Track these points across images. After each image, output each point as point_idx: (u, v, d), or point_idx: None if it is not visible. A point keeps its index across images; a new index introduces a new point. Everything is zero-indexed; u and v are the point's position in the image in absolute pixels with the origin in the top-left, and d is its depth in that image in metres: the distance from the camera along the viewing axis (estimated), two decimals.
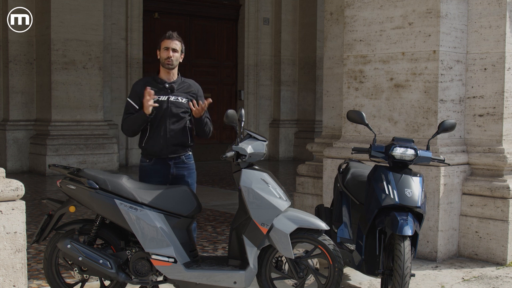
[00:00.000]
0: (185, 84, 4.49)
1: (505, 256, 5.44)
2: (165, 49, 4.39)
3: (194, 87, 4.53)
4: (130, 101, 4.42)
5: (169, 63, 4.39)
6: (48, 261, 4.09)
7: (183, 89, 4.46)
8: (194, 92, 4.50)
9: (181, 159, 4.45)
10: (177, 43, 4.43)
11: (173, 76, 4.47)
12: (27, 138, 11.53)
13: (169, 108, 4.36)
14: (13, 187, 3.79)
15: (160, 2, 13.33)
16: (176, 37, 4.44)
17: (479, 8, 5.68)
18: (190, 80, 4.58)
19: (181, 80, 4.50)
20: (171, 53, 4.38)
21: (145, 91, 4.25)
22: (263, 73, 14.64)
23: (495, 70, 5.62)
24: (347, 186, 4.76)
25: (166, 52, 4.39)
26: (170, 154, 4.39)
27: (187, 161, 4.49)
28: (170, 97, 4.38)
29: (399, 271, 3.91)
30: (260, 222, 3.90)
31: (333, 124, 6.89)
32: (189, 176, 4.50)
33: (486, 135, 5.70)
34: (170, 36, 4.43)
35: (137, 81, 4.57)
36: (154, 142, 4.38)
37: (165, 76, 4.45)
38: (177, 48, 4.42)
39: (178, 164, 4.44)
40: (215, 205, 8.27)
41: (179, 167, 4.45)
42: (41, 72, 11.35)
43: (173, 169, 4.42)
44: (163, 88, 4.39)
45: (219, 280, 3.98)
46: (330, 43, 6.85)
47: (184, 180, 4.45)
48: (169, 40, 4.41)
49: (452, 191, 5.60)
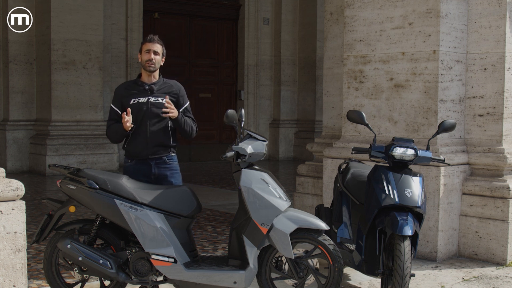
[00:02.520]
0: (166, 85, 4.49)
1: (505, 256, 5.44)
2: (146, 51, 4.41)
3: (176, 87, 4.51)
4: (113, 106, 4.46)
5: (150, 65, 4.40)
6: (48, 261, 4.09)
7: (164, 89, 4.45)
8: (175, 92, 4.48)
9: (163, 159, 4.44)
10: (158, 46, 4.44)
11: (154, 78, 4.47)
12: (27, 138, 11.53)
13: (149, 109, 4.36)
14: (13, 187, 3.79)
15: (160, 2, 13.33)
16: (157, 40, 4.46)
17: (479, 8, 5.68)
18: (171, 81, 4.57)
19: (162, 81, 4.50)
20: (153, 55, 4.40)
21: (124, 113, 4.29)
22: (263, 73, 14.64)
23: (495, 70, 5.62)
24: (347, 186, 4.76)
25: (147, 54, 4.40)
26: (151, 155, 4.39)
27: (169, 161, 4.47)
28: (150, 98, 4.38)
29: (399, 271, 3.91)
30: (260, 222, 3.91)
31: (333, 124, 6.89)
32: (172, 176, 4.47)
33: (486, 135, 5.70)
34: (151, 39, 4.45)
35: (119, 86, 4.60)
36: (135, 144, 4.39)
37: (146, 78, 4.47)
38: (158, 51, 4.42)
39: (160, 164, 4.43)
40: (215, 205, 8.27)
41: (161, 167, 4.43)
42: (41, 72, 11.35)
43: (155, 169, 4.41)
44: (143, 90, 4.41)
45: (219, 280, 3.98)
46: (330, 43, 6.85)
47: (166, 180, 4.44)
48: (150, 43, 4.43)
49: (452, 191, 5.60)
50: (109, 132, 4.49)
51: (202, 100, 13.86)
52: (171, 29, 13.47)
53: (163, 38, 4.62)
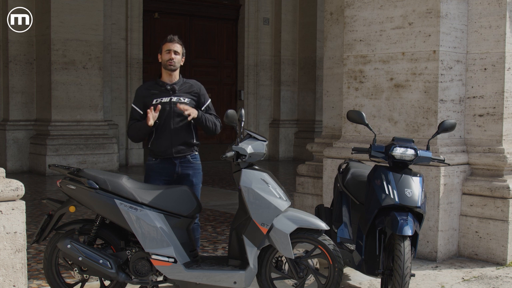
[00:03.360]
0: (186, 85, 4.60)
1: (505, 256, 5.44)
2: (167, 51, 4.51)
3: (196, 87, 4.63)
4: (134, 107, 4.56)
5: (171, 65, 4.50)
6: (48, 261, 4.09)
7: (185, 89, 4.56)
8: (196, 91, 4.60)
9: (187, 158, 4.55)
10: (178, 46, 4.54)
11: (175, 78, 4.58)
12: (27, 138, 11.52)
13: (172, 109, 4.47)
14: (13, 187, 3.79)
15: (160, 2, 13.33)
16: (177, 41, 4.56)
17: (479, 8, 5.68)
18: (191, 80, 4.68)
19: (183, 81, 4.61)
20: (173, 55, 4.50)
21: (151, 109, 4.36)
22: (263, 73, 14.64)
23: (495, 70, 5.62)
24: (347, 186, 4.76)
25: (168, 54, 4.50)
26: (176, 154, 4.50)
27: (193, 160, 4.59)
28: (172, 98, 4.49)
29: (399, 271, 3.91)
30: (260, 222, 3.91)
31: (333, 124, 6.89)
32: (194, 175, 4.59)
33: (486, 135, 5.70)
34: (172, 39, 4.55)
35: (140, 86, 4.71)
36: (160, 143, 4.48)
37: (167, 78, 4.57)
38: (178, 51, 4.53)
39: (184, 163, 4.54)
40: (215, 205, 8.27)
41: (184, 166, 4.54)
42: (41, 72, 11.35)
43: (178, 168, 4.52)
44: (165, 90, 4.51)
45: (219, 280, 3.98)
46: (330, 43, 6.85)
47: (188, 180, 4.53)
48: (171, 43, 4.53)
49: (452, 191, 5.60)
50: (130, 131, 4.57)
51: None
52: (171, 29, 13.43)
53: (163, 38, 4.67)
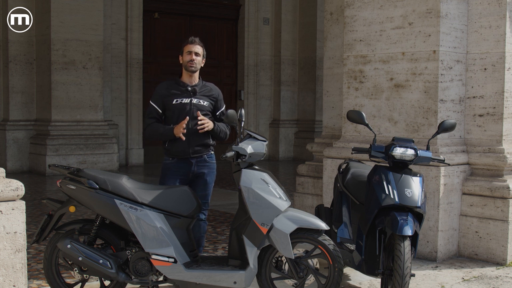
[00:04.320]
0: (206, 88, 4.67)
1: (505, 256, 5.44)
2: (188, 53, 4.58)
3: (215, 91, 4.71)
4: (154, 105, 4.60)
5: (192, 66, 4.57)
6: (48, 261, 4.09)
7: (205, 92, 4.64)
8: (215, 96, 4.68)
9: (203, 158, 4.62)
10: (199, 47, 4.63)
11: (195, 79, 4.65)
12: (27, 138, 11.52)
13: (192, 110, 4.52)
14: (13, 187, 3.79)
15: (160, 2, 13.32)
16: (198, 42, 4.65)
17: (479, 8, 5.68)
18: (211, 84, 4.76)
19: (202, 83, 4.67)
20: (194, 56, 4.57)
21: (184, 121, 4.40)
22: (263, 73, 14.64)
23: (495, 70, 5.62)
24: (347, 186, 4.76)
25: (189, 55, 4.58)
26: (193, 154, 4.55)
27: (209, 160, 4.65)
28: (193, 100, 4.55)
29: (399, 271, 3.91)
30: (260, 222, 3.91)
31: (333, 124, 6.89)
32: (209, 174, 4.65)
33: (486, 135, 5.70)
34: (193, 41, 4.64)
35: (161, 84, 4.72)
36: (178, 143, 4.51)
37: (187, 79, 4.63)
38: (199, 52, 4.62)
39: (200, 162, 4.60)
40: (215, 205, 8.26)
41: (200, 165, 4.61)
42: (41, 72, 11.35)
43: (195, 167, 4.58)
44: (186, 91, 4.57)
45: (219, 280, 3.98)
46: (330, 43, 6.85)
47: (203, 178, 4.61)
48: (192, 45, 4.61)
49: (452, 191, 5.60)
50: (149, 131, 4.60)
51: None
52: (171, 29, 13.46)
53: (163, 38, 4.68)
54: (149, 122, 4.60)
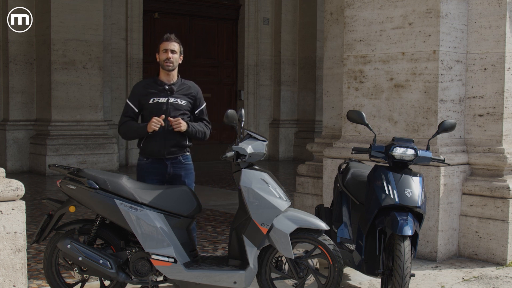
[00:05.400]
0: (185, 86, 4.55)
1: (505, 256, 5.44)
2: (164, 51, 4.45)
3: (194, 89, 4.58)
4: (129, 103, 4.49)
5: (169, 64, 4.45)
6: (48, 261, 4.09)
7: (183, 91, 4.51)
8: (193, 94, 4.56)
9: (179, 159, 4.50)
10: (175, 44, 4.48)
11: (173, 77, 4.52)
12: (27, 138, 11.52)
13: (168, 110, 4.41)
14: (13, 187, 3.79)
15: (160, 2, 13.32)
16: (174, 39, 4.50)
17: (479, 8, 5.68)
18: (189, 82, 4.63)
19: (181, 81, 4.56)
20: (170, 54, 4.44)
21: (159, 117, 4.30)
22: (263, 73, 14.64)
23: (495, 70, 5.62)
24: (347, 186, 4.76)
25: (165, 54, 4.44)
26: (168, 155, 4.44)
27: (184, 161, 4.53)
28: (170, 99, 4.44)
29: (399, 271, 3.91)
30: (260, 222, 3.91)
31: (333, 124, 6.89)
32: (187, 176, 4.53)
33: (486, 135, 5.70)
34: (168, 38, 4.49)
35: (138, 83, 4.64)
36: (152, 143, 4.42)
37: (165, 78, 4.51)
38: (175, 50, 4.47)
39: (175, 164, 4.48)
40: (215, 205, 8.27)
41: (176, 167, 4.49)
42: (41, 72, 11.35)
43: (170, 169, 4.46)
44: (163, 90, 4.45)
45: (219, 280, 3.98)
46: (330, 43, 6.85)
47: (181, 180, 4.49)
48: (167, 42, 4.47)
49: (452, 191, 5.60)
50: (123, 129, 4.50)
51: None
52: (171, 29, 13.39)
53: None
54: (123, 120, 4.49)
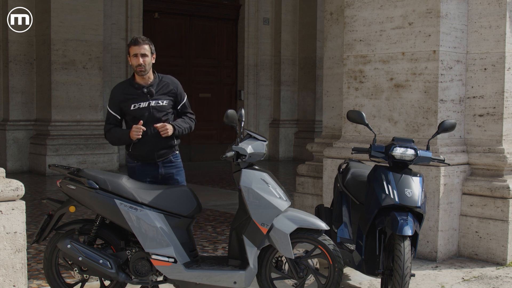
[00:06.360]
0: (163, 84, 4.40)
1: (505, 256, 5.44)
2: (134, 56, 4.27)
3: (173, 85, 4.44)
4: (110, 111, 4.39)
5: (141, 70, 4.29)
6: (48, 261, 4.09)
7: (162, 90, 4.38)
8: (173, 91, 4.43)
9: (169, 159, 4.46)
10: (145, 47, 4.29)
11: (149, 78, 4.37)
12: (27, 138, 11.53)
13: (152, 114, 4.31)
14: (13, 187, 3.79)
15: (160, 2, 13.32)
16: (143, 41, 4.30)
17: (479, 8, 5.68)
18: (167, 77, 4.48)
19: (159, 79, 4.41)
20: (141, 59, 4.26)
21: (137, 124, 4.22)
22: (263, 73, 14.64)
23: (495, 70, 5.62)
24: (347, 186, 4.75)
25: (135, 59, 4.27)
26: (158, 158, 4.40)
27: (174, 160, 4.49)
28: (151, 102, 4.32)
29: (399, 271, 3.91)
30: (260, 222, 3.90)
31: (333, 124, 6.89)
32: (178, 174, 4.50)
33: (486, 135, 5.70)
34: (136, 42, 4.28)
35: (115, 88, 4.47)
36: (141, 148, 4.36)
37: (141, 80, 4.36)
38: (146, 53, 4.28)
39: (166, 163, 4.44)
40: (215, 205, 8.27)
41: (167, 167, 4.45)
42: (41, 72, 11.35)
43: (162, 169, 4.42)
44: (142, 94, 4.32)
45: (219, 280, 3.98)
46: (330, 43, 6.85)
47: (173, 179, 4.46)
48: (136, 46, 4.27)
49: (452, 191, 5.60)
50: (109, 136, 4.45)
51: (202, 100, 13.86)
52: (171, 29, 13.46)
53: (163, 38, 4.60)
54: (107, 128, 4.41)
